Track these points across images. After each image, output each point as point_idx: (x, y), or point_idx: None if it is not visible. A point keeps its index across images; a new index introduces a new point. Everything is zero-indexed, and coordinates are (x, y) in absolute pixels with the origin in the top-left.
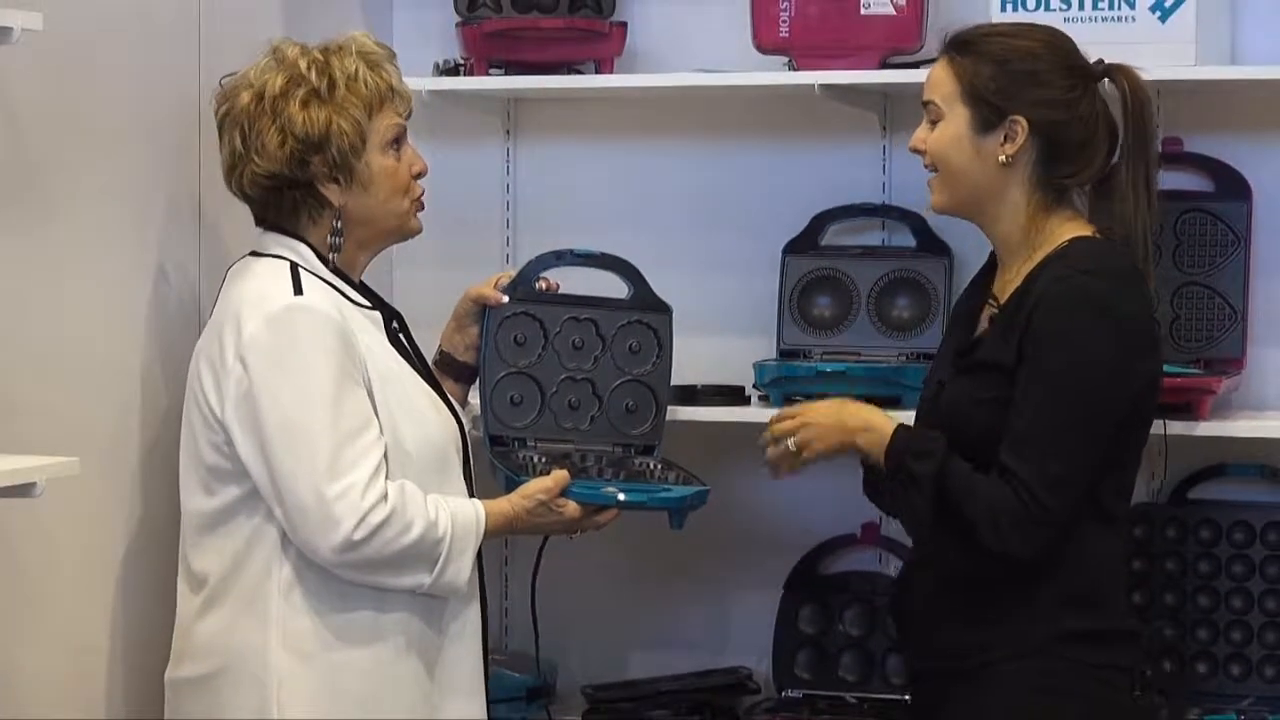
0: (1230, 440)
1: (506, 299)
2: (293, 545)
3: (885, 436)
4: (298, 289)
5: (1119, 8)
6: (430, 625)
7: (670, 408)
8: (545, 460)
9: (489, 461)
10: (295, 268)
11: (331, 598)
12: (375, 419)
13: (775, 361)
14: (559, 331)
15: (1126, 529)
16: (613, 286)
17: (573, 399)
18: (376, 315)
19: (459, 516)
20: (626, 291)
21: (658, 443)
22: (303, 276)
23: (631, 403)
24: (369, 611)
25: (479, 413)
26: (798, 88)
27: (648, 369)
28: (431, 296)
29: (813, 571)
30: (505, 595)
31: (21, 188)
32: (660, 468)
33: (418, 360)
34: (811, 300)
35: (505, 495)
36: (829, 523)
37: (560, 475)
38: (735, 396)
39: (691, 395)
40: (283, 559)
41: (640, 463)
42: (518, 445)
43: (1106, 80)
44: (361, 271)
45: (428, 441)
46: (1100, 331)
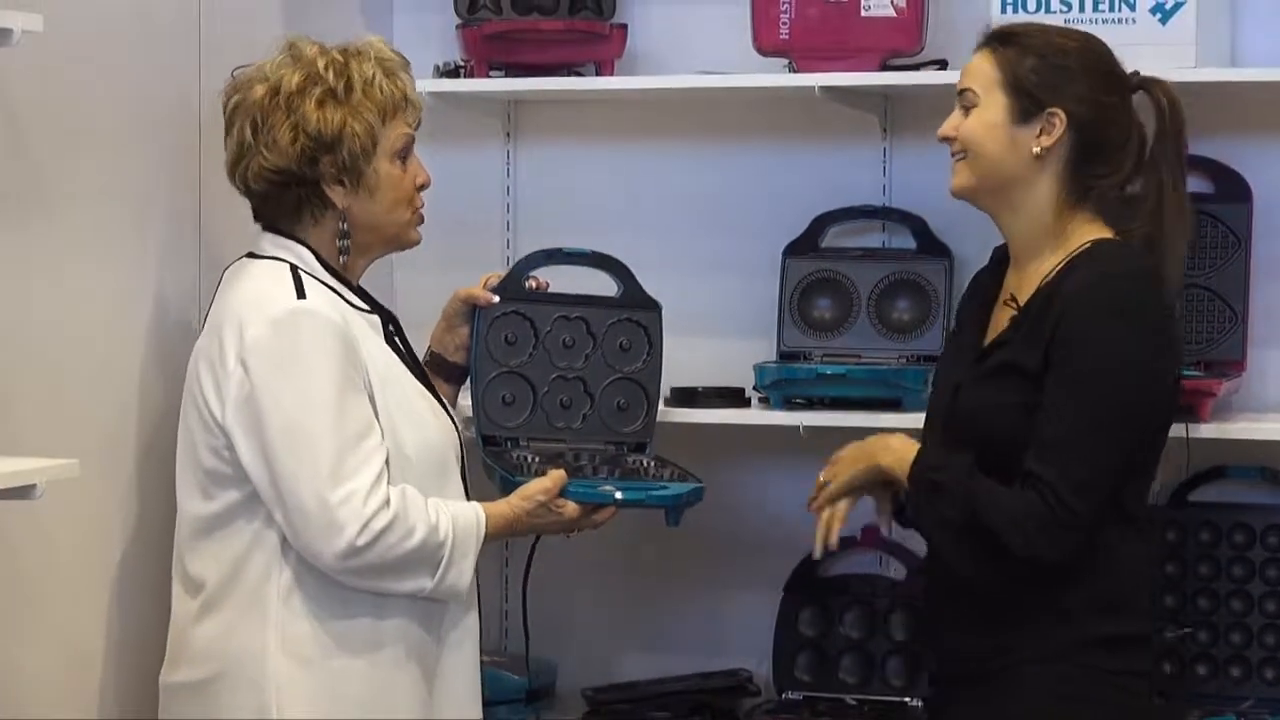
0: (1230, 442)
1: (497, 299)
2: (293, 550)
3: (909, 454)
4: (300, 292)
5: (1119, 9)
6: (429, 633)
7: (671, 409)
8: (539, 460)
9: (483, 462)
10: (296, 270)
11: (331, 604)
12: (377, 424)
13: (775, 363)
14: (549, 330)
15: (1150, 532)
16: (602, 285)
17: (564, 398)
18: (375, 319)
19: (460, 520)
20: (616, 290)
21: (649, 440)
22: (304, 279)
23: (623, 400)
24: (369, 619)
25: (469, 413)
26: (798, 89)
27: (638, 366)
28: (432, 298)
29: (813, 574)
30: (505, 598)
31: (21, 188)
32: (654, 465)
33: (414, 364)
34: (812, 302)
35: (503, 497)
36: None
37: (558, 475)
38: (735, 398)
39: (692, 397)
40: (283, 564)
41: (634, 460)
42: (510, 445)
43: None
44: (359, 276)
45: (428, 446)
46: (1130, 335)
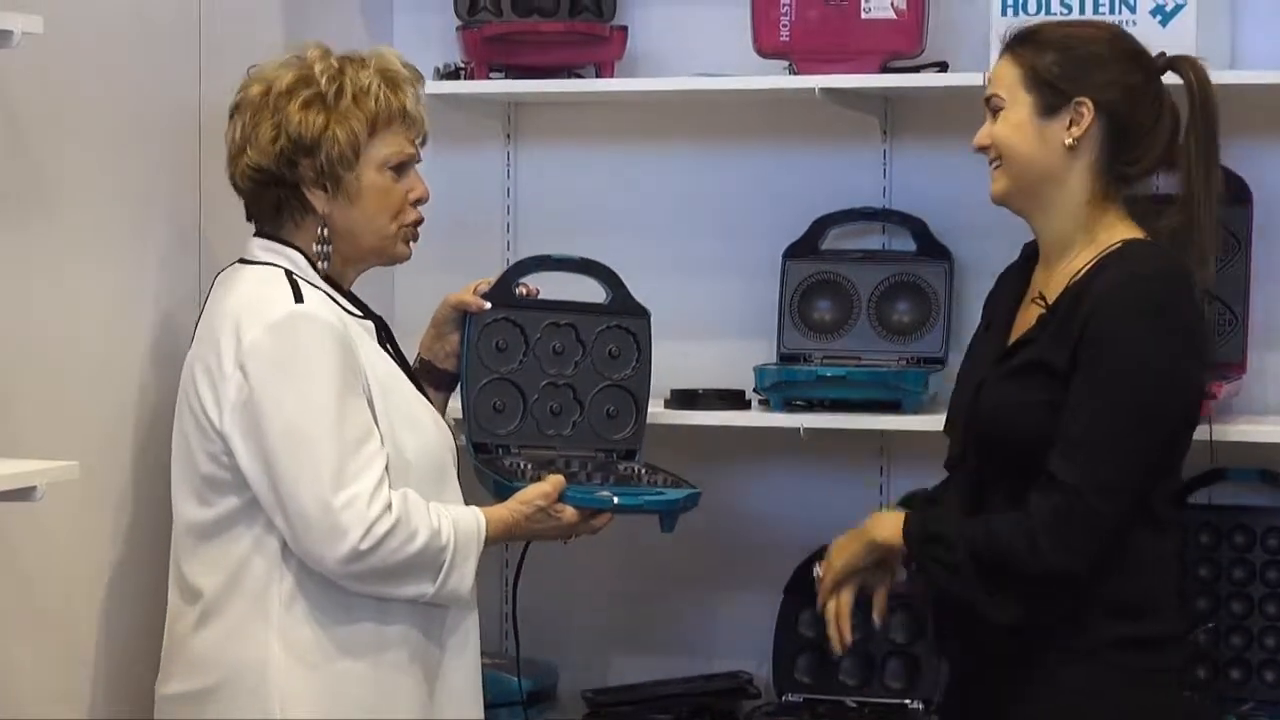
0: (1230, 445)
1: (487, 305)
2: (294, 555)
3: (899, 521)
4: (298, 296)
5: (1119, 11)
6: (430, 638)
7: (671, 411)
8: (533, 466)
9: (475, 468)
10: (291, 275)
11: (334, 609)
12: (376, 428)
13: (775, 365)
14: (539, 337)
15: (1178, 533)
16: (592, 292)
17: (554, 405)
18: (369, 324)
19: (461, 524)
20: (605, 296)
21: (639, 447)
22: (300, 284)
23: (612, 408)
24: (371, 623)
25: (458, 419)
26: (798, 92)
27: (627, 373)
28: (433, 300)
29: (813, 576)
30: (506, 600)
31: (21, 189)
32: (646, 471)
33: (407, 370)
34: (812, 304)
35: (498, 502)
36: (829, 527)
37: (557, 480)
38: (736, 400)
39: (692, 399)
40: (284, 570)
41: (626, 467)
42: (501, 452)
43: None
44: (350, 283)
45: (426, 451)
46: (1159, 337)
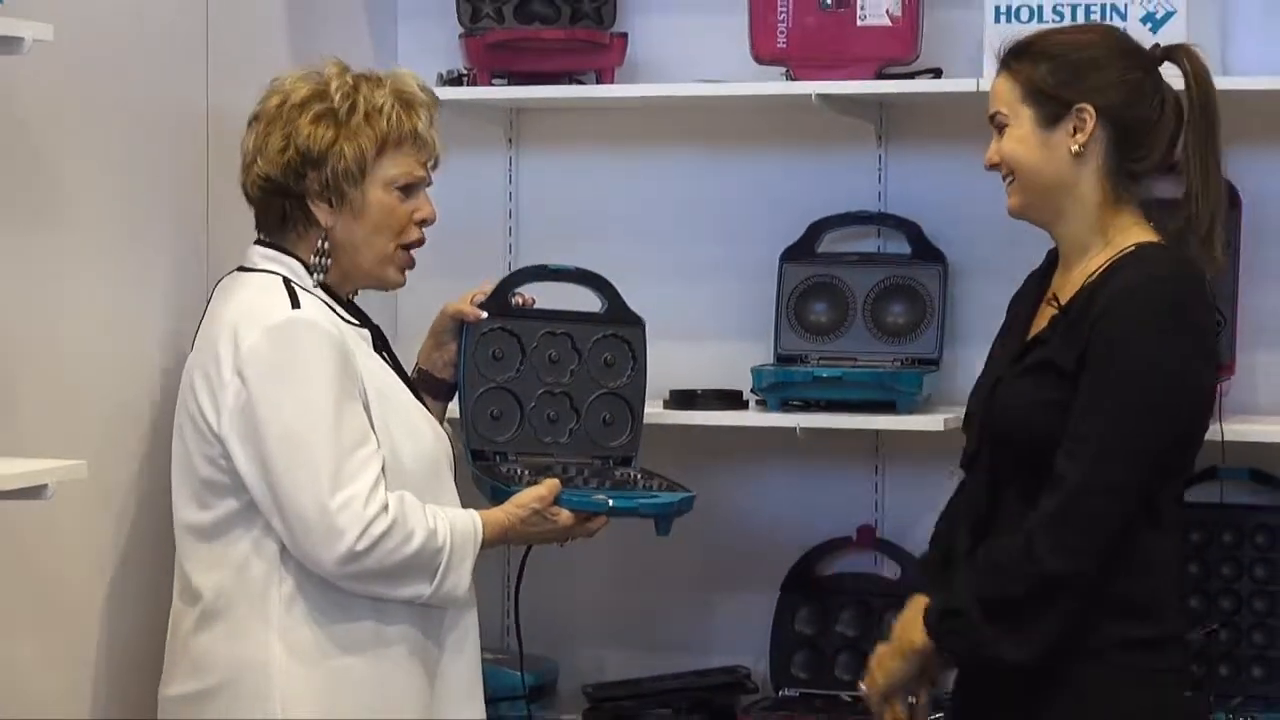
0: (1220, 444)
1: (484, 315)
2: (293, 557)
3: (917, 614)
4: (295, 303)
5: (1110, 19)
6: (429, 637)
7: (669, 411)
8: (530, 472)
9: (472, 475)
10: (289, 282)
11: (333, 609)
12: (372, 432)
13: (773, 366)
14: (536, 346)
15: (1182, 534)
16: (588, 301)
17: (551, 412)
18: (366, 332)
19: (457, 526)
20: (601, 306)
21: (635, 454)
22: (298, 291)
23: (608, 415)
24: (370, 622)
25: (456, 428)
26: (795, 97)
27: (623, 382)
28: (437, 305)
29: (809, 573)
30: (507, 596)
31: (31, 194)
32: (642, 476)
33: (403, 377)
34: (808, 306)
35: (498, 505)
36: (825, 525)
37: (553, 483)
38: (733, 401)
39: (690, 399)
40: (284, 571)
41: (622, 473)
42: (499, 460)
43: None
44: (349, 295)
45: (423, 456)
46: (1170, 338)
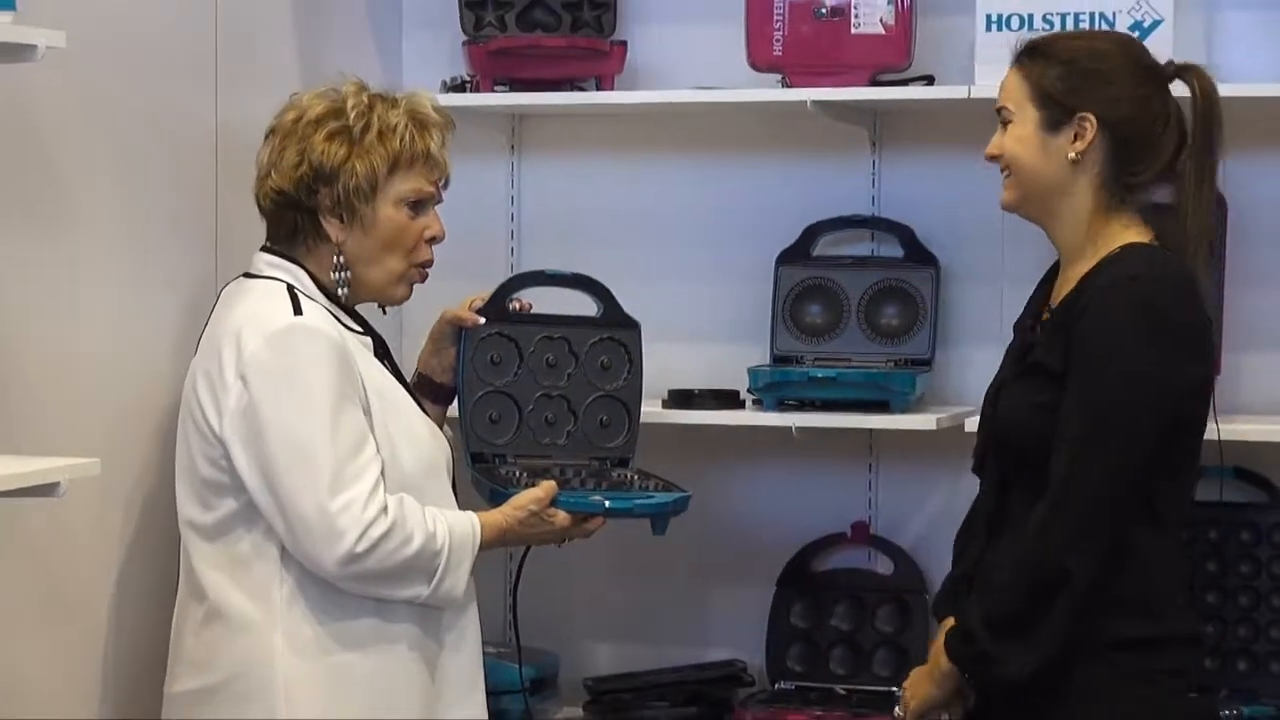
0: (1206, 443)
1: (482, 320)
2: (294, 558)
3: (940, 642)
4: (297, 309)
5: (1098, 26)
6: (429, 634)
7: (668, 411)
8: (528, 474)
9: (472, 478)
10: (292, 289)
11: (334, 607)
12: (371, 436)
13: (769, 367)
14: (533, 350)
15: (1182, 531)
16: (584, 305)
17: (549, 415)
18: (368, 339)
19: (456, 529)
20: (597, 310)
21: (632, 455)
22: (300, 299)
23: (605, 417)
24: (372, 619)
25: (456, 431)
26: (791, 104)
27: (619, 384)
28: (439, 308)
29: (804, 569)
30: (508, 593)
31: (45, 198)
32: (638, 477)
33: (403, 382)
34: (803, 308)
35: (497, 507)
36: (820, 522)
37: (550, 485)
38: (730, 400)
39: (688, 399)
40: (284, 571)
41: (619, 474)
42: (498, 462)
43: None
44: (355, 303)
45: (422, 459)
46: (1143, 337)
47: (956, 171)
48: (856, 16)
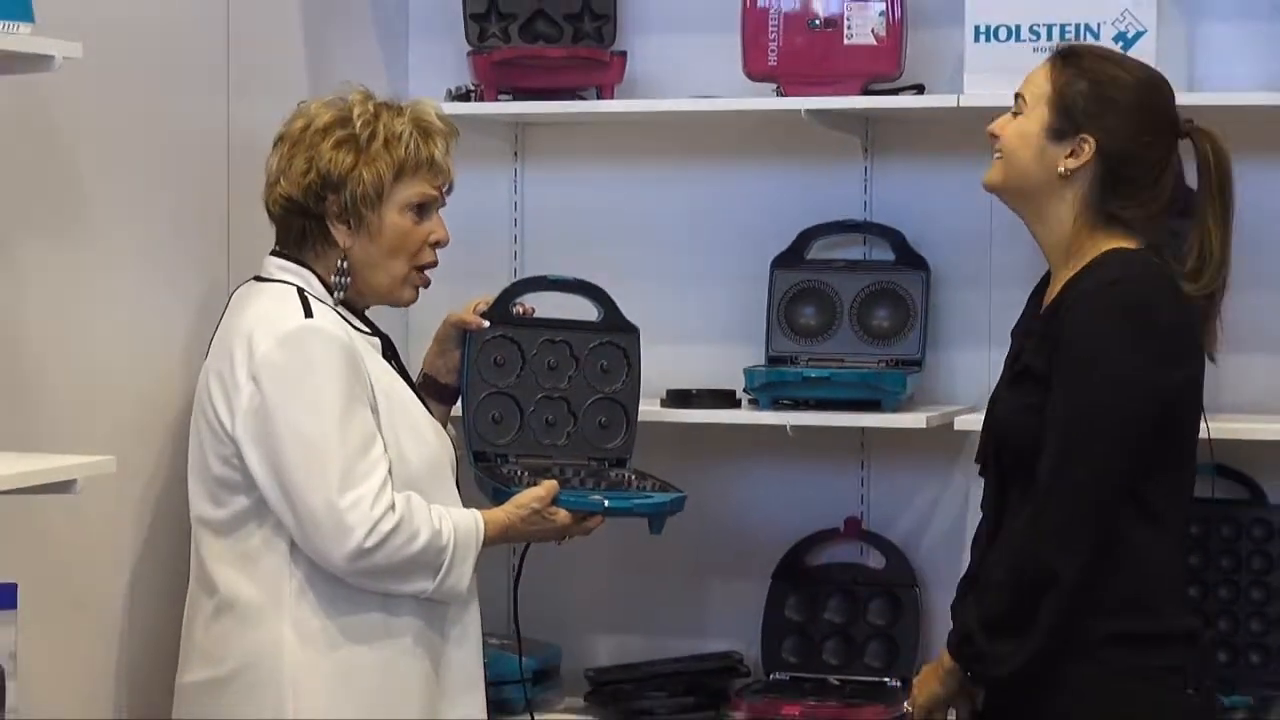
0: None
1: (486, 324)
2: (303, 553)
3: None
4: (308, 312)
5: (1084, 37)
6: (433, 628)
7: (666, 410)
8: (529, 473)
9: (475, 476)
10: (302, 292)
11: (341, 601)
12: (379, 435)
13: (764, 367)
14: (535, 353)
15: (1181, 529)
16: (585, 310)
17: (549, 416)
18: (376, 340)
19: (461, 526)
20: (597, 314)
21: (629, 456)
22: (311, 301)
23: (604, 419)
24: (378, 613)
25: (459, 431)
26: (785, 112)
27: (618, 387)
28: (445, 311)
29: (799, 563)
30: (511, 586)
31: (62, 204)
32: (636, 477)
33: (409, 383)
34: (798, 310)
35: (499, 506)
36: (814, 517)
37: (551, 484)
38: (727, 400)
39: (686, 399)
40: (293, 566)
41: (617, 474)
42: (500, 461)
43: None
44: (363, 307)
45: (427, 458)
46: (1127, 341)
47: (946, 178)
48: (849, 27)
